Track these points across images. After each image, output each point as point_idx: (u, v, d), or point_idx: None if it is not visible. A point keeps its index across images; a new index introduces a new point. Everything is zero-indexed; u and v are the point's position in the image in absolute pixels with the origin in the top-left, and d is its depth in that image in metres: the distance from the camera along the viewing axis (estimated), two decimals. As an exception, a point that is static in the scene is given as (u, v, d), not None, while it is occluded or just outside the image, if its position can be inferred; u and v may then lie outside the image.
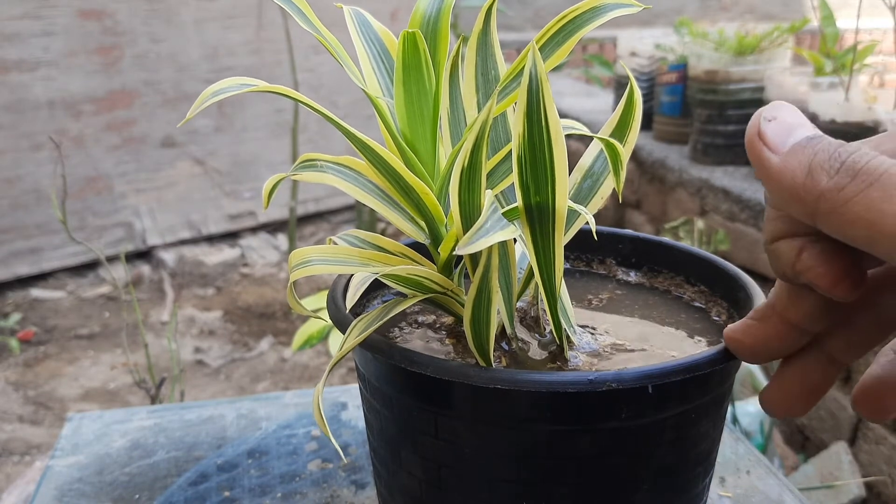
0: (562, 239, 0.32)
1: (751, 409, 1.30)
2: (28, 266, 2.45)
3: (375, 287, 0.42)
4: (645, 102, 1.90)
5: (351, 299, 0.37)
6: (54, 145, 1.50)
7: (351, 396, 0.65)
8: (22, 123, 2.37)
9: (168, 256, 2.66)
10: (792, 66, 1.89)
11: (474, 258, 0.33)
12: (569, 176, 0.31)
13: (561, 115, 0.31)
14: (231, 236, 2.85)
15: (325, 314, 0.38)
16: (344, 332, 0.34)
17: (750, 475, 0.54)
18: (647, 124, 2.14)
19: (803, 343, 0.31)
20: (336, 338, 1.13)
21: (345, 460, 0.55)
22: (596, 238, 0.38)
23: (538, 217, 0.32)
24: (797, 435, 1.50)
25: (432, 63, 0.35)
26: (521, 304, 0.38)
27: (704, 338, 0.38)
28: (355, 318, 0.34)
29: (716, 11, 4.39)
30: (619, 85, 2.36)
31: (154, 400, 1.21)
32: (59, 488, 0.53)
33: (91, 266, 2.57)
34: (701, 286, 0.42)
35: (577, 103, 2.71)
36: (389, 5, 2.82)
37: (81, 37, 2.43)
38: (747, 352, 0.31)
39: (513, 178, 0.31)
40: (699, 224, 1.50)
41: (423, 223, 0.37)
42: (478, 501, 0.34)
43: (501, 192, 0.37)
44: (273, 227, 2.93)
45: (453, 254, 0.35)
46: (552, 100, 0.29)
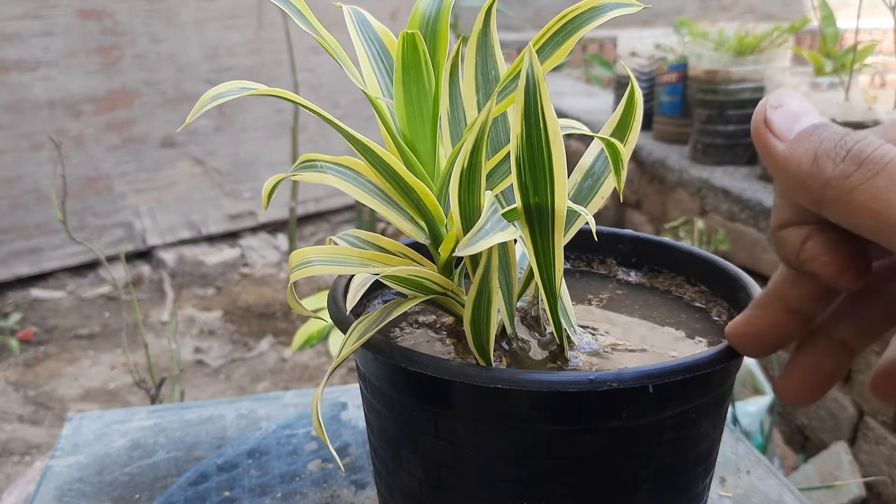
0: (561, 239, 0.32)
1: (751, 409, 1.30)
2: (28, 266, 2.45)
3: (376, 287, 0.42)
4: (645, 102, 1.89)
5: (351, 300, 0.37)
6: (54, 145, 1.50)
7: (351, 396, 0.65)
8: (22, 123, 2.37)
9: (168, 256, 2.66)
10: (792, 66, 1.89)
11: (474, 259, 0.33)
12: (569, 176, 0.31)
13: (561, 115, 0.31)
14: (231, 236, 2.85)
15: (326, 314, 0.38)
16: (345, 332, 0.34)
17: (750, 475, 0.54)
18: (647, 124, 2.14)
19: (806, 329, 0.31)
20: (336, 338, 1.13)
21: (342, 467, 0.55)
22: (596, 238, 0.38)
23: (537, 217, 0.32)
24: (797, 435, 1.50)
25: (432, 63, 0.35)
26: (521, 304, 0.38)
27: (705, 338, 0.38)
28: (356, 318, 0.34)
29: (716, 11, 4.39)
30: (620, 85, 2.35)
31: (154, 400, 1.21)
32: (59, 488, 0.53)
33: (91, 266, 2.57)
34: (701, 286, 0.42)
35: (577, 103, 2.71)
36: (389, 5, 2.82)
37: (81, 37, 2.43)
38: (751, 343, 0.31)
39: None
40: (699, 224, 1.50)
41: (423, 223, 0.37)
42: (478, 501, 0.34)
43: (501, 192, 0.37)
44: (273, 227, 2.93)
45: (453, 254, 0.35)
46: (550, 101, 0.29)
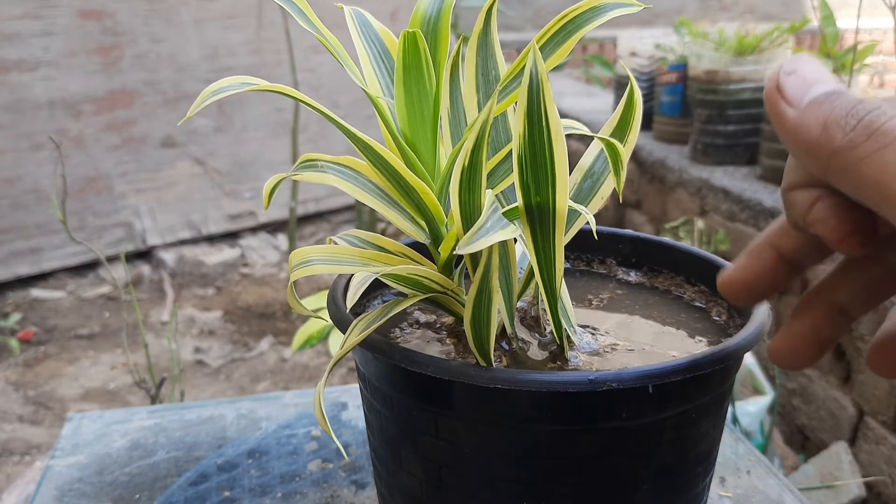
0: (562, 239, 0.32)
1: (751, 409, 1.30)
2: (28, 266, 2.45)
3: (376, 287, 0.42)
4: (645, 102, 1.89)
5: (351, 299, 0.37)
6: (54, 145, 1.50)
7: (351, 396, 0.65)
8: (22, 123, 2.37)
9: (168, 256, 2.66)
10: (792, 67, 1.89)
11: (475, 258, 0.33)
12: (569, 176, 0.31)
13: (561, 114, 0.31)
14: (231, 236, 2.85)
15: (326, 314, 0.38)
16: (344, 331, 0.34)
17: (750, 475, 0.54)
18: (647, 124, 2.14)
19: (795, 280, 0.31)
20: (336, 338, 1.13)
21: (347, 458, 0.55)
22: (596, 238, 0.38)
23: (538, 217, 0.32)
24: (797, 435, 1.50)
25: (433, 63, 0.35)
26: (521, 303, 0.38)
27: (705, 337, 0.38)
28: (356, 317, 0.34)
29: (716, 11, 4.39)
30: (620, 85, 2.35)
31: (154, 400, 1.21)
32: (60, 488, 0.53)
33: (91, 266, 2.57)
34: (701, 286, 0.42)
35: (577, 103, 2.71)
36: (389, 5, 2.82)
37: (81, 37, 2.43)
38: (740, 289, 0.31)
39: (513, 178, 0.31)
40: (699, 224, 1.50)
41: (423, 223, 0.37)
42: (478, 501, 0.34)
43: (502, 191, 0.37)
44: (273, 227, 2.93)
45: (454, 253, 0.35)
46: (553, 100, 0.29)
